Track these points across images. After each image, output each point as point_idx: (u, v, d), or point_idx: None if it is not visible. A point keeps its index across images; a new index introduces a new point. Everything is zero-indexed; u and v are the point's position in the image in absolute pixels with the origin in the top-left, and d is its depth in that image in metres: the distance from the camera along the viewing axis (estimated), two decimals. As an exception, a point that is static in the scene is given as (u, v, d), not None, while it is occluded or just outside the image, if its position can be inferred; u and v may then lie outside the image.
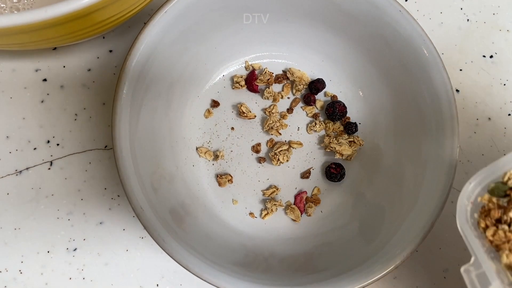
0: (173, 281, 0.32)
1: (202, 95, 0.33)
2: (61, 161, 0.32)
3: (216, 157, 0.33)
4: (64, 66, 0.33)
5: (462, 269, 0.22)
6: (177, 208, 0.29)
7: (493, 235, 0.23)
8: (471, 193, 0.23)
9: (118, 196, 0.32)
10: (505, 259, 0.22)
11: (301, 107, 0.34)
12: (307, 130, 0.34)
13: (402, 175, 0.31)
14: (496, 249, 0.23)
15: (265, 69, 0.34)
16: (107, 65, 0.33)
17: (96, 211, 0.32)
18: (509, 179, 0.23)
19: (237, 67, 0.34)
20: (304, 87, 0.34)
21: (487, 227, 0.23)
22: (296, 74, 0.33)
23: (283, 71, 0.34)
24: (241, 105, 0.33)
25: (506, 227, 0.22)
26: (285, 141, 0.33)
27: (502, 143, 0.35)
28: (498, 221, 0.23)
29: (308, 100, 0.34)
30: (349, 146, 0.33)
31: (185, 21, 0.29)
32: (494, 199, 0.23)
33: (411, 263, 0.33)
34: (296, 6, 0.31)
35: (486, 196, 0.23)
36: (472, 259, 0.22)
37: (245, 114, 0.33)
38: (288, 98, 0.34)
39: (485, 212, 0.23)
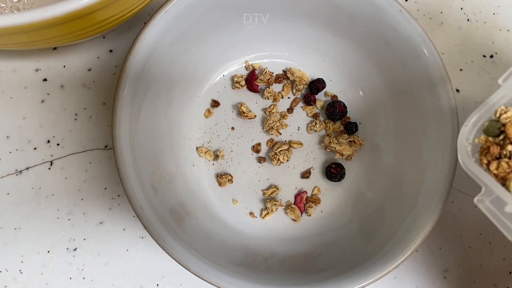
0: (173, 281, 0.32)
1: (202, 95, 0.33)
2: (61, 161, 0.32)
3: (216, 157, 0.33)
4: (64, 66, 0.33)
5: (475, 200, 0.23)
6: (177, 208, 0.29)
7: (497, 168, 0.23)
8: (468, 134, 0.24)
9: (118, 196, 0.32)
10: None
11: (301, 107, 0.34)
12: (307, 130, 0.34)
13: (402, 175, 0.31)
14: (501, 181, 0.23)
15: (265, 69, 0.34)
16: (107, 65, 0.33)
17: (96, 211, 0.32)
18: (500, 114, 0.23)
19: (237, 67, 0.34)
20: (304, 87, 0.34)
21: (489, 163, 0.23)
22: (296, 74, 0.33)
23: (283, 71, 0.34)
24: (241, 105, 0.33)
25: (507, 159, 0.23)
26: (285, 141, 0.33)
27: (502, 143, 0.35)
28: (498, 158, 0.23)
29: (308, 100, 0.34)
30: (349, 146, 0.33)
31: (185, 21, 0.29)
32: (491, 139, 0.24)
33: (411, 263, 0.33)
34: (296, 6, 0.31)
35: (483, 136, 0.24)
36: (483, 189, 0.23)
37: (245, 114, 0.33)
38: (288, 98, 0.34)
39: (484, 150, 0.24)
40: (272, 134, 0.33)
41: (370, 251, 0.28)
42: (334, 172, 0.32)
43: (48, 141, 0.32)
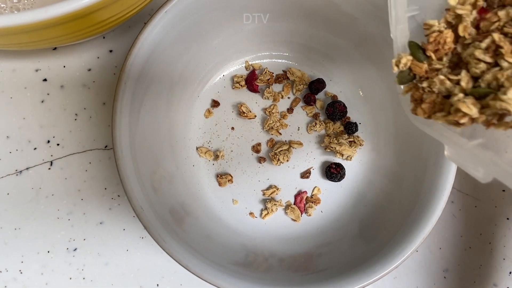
0: (173, 281, 0.32)
1: (202, 95, 0.33)
2: (61, 161, 0.32)
3: (216, 157, 0.33)
4: (64, 66, 0.33)
5: (446, 155, 0.21)
6: (177, 208, 0.29)
7: (425, 112, 0.22)
8: (406, 100, 0.22)
9: (118, 196, 0.32)
10: (440, 120, 0.21)
11: (301, 107, 0.34)
12: (307, 130, 0.34)
13: (402, 175, 0.31)
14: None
15: (265, 69, 0.34)
16: (107, 65, 0.33)
17: (96, 211, 0.32)
18: (397, 66, 0.22)
19: (237, 67, 0.34)
20: (304, 87, 0.34)
21: (416, 108, 0.22)
22: (296, 74, 0.33)
23: (283, 71, 0.34)
24: (241, 105, 0.33)
25: (427, 95, 0.21)
26: (285, 141, 0.33)
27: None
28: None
29: (308, 100, 0.34)
30: (349, 146, 0.33)
31: (185, 21, 0.29)
32: (410, 85, 0.23)
33: (411, 263, 0.33)
34: (296, 6, 0.31)
35: (404, 87, 0.23)
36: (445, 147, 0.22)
37: (245, 114, 0.33)
38: (289, 98, 0.34)
39: (416, 102, 0.22)
40: (272, 134, 0.33)
41: (370, 251, 0.28)
42: (334, 172, 0.32)
43: (48, 141, 0.32)
